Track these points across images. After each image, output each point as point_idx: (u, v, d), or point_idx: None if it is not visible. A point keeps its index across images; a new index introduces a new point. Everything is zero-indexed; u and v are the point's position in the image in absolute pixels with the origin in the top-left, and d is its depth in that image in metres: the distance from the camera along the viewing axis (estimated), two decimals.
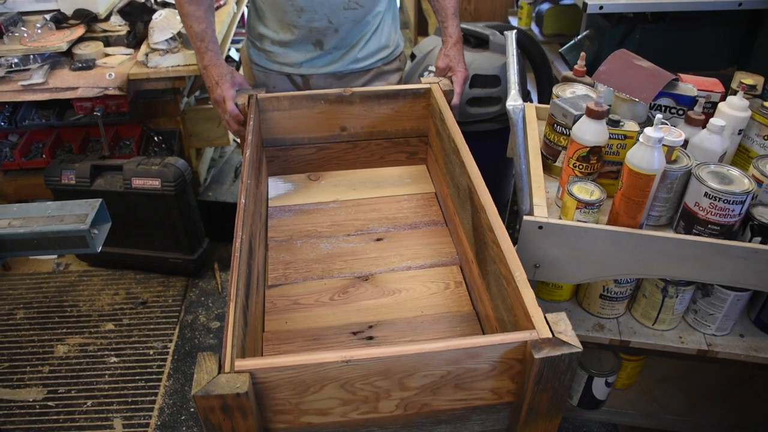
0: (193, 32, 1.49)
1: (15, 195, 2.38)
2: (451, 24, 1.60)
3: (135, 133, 2.30)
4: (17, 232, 1.31)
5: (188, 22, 1.49)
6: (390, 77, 1.72)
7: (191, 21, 1.48)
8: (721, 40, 2.24)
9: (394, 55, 1.70)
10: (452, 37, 1.59)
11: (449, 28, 1.60)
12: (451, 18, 1.60)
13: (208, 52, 1.50)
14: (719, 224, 1.12)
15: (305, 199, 1.56)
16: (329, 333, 1.18)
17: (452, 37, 1.59)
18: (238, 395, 0.78)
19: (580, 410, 1.54)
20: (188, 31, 1.51)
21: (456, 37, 1.59)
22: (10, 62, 2.04)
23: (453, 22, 1.60)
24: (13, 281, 2.33)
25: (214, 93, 1.49)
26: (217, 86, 1.48)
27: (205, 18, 1.49)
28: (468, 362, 0.86)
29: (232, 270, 0.97)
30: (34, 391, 1.90)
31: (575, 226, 1.14)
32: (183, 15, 1.49)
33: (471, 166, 1.22)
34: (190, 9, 1.48)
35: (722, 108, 1.23)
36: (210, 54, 1.50)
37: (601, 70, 1.31)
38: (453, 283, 1.29)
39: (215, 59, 1.50)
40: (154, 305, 2.21)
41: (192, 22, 1.48)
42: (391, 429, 0.93)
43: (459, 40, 1.60)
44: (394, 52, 1.70)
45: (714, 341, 1.27)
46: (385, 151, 1.64)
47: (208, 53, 1.50)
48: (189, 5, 1.48)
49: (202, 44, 1.49)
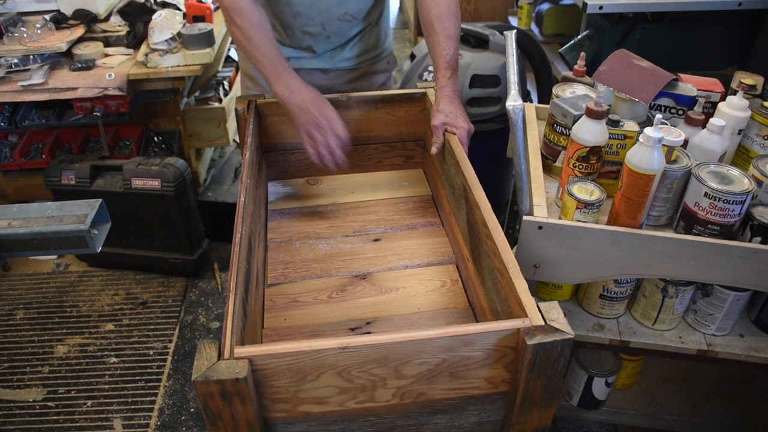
0: (267, 59, 1.34)
1: (15, 195, 2.38)
2: (443, 75, 1.37)
3: (135, 133, 2.30)
4: (17, 233, 1.31)
5: (259, 51, 1.34)
6: (375, 78, 1.69)
7: (263, 49, 1.34)
8: (720, 40, 2.24)
9: (381, 56, 1.68)
10: (446, 90, 1.37)
11: (440, 80, 1.37)
12: (443, 69, 1.37)
13: (290, 74, 1.35)
14: (719, 224, 1.12)
15: (304, 202, 1.57)
16: (327, 329, 1.20)
17: (445, 89, 1.37)
18: (237, 380, 0.79)
19: (580, 410, 1.54)
20: (260, 61, 1.35)
21: (450, 90, 1.37)
22: (10, 62, 2.04)
23: (445, 74, 1.37)
24: (13, 281, 2.33)
25: (316, 117, 1.33)
26: (316, 109, 1.33)
27: (273, 40, 1.36)
28: (462, 350, 0.87)
29: (232, 264, 0.99)
30: (34, 392, 1.90)
31: (575, 226, 1.14)
32: (253, 46, 1.33)
33: (465, 165, 1.23)
34: (258, 37, 1.33)
35: (722, 108, 1.23)
36: (292, 76, 1.35)
37: (601, 70, 1.31)
38: (449, 280, 1.31)
39: (300, 82, 1.36)
40: (153, 305, 2.21)
41: (264, 50, 1.34)
42: (388, 419, 0.94)
43: (455, 95, 1.37)
44: (381, 53, 1.68)
45: (714, 341, 1.27)
46: (383, 155, 1.65)
47: (290, 75, 1.35)
48: (256, 33, 1.33)
49: (281, 67, 1.34)
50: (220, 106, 2.37)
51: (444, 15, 1.38)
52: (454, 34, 1.38)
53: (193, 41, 2.06)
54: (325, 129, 1.33)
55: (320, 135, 1.34)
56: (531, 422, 0.95)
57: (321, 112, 1.33)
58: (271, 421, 0.91)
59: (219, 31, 2.22)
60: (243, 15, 1.32)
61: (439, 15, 1.38)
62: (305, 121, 1.34)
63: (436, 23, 1.38)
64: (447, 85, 1.37)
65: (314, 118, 1.33)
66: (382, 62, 1.70)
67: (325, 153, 1.35)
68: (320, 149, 1.35)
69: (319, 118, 1.33)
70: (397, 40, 4.34)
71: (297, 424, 0.92)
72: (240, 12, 1.32)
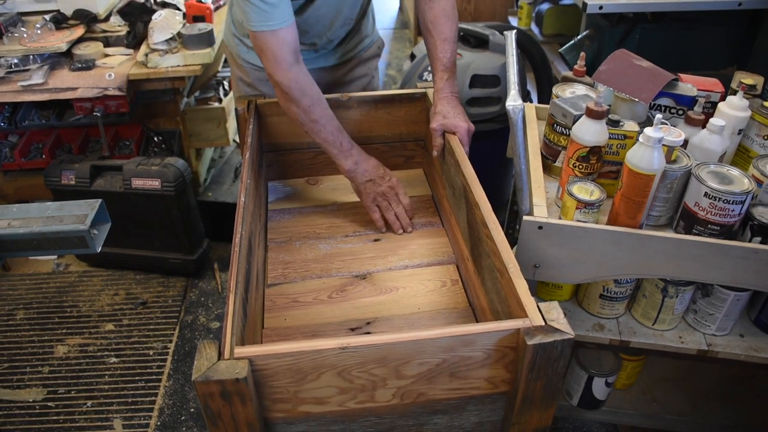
0: (330, 133, 1.34)
1: (15, 195, 2.38)
2: (440, 78, 1.39)
3: (135, 133, 2.30)
4: (17, 233, 1.31)
5: (319, 126, 1.34)
6: (370, 63, 1.72)
7: (324, 122, 1.34)
8: (720, 39, 2.24)
9: (371, 42, 1.70)
10: (444, 92, 1.39)
11: (438, 82, 1.40)
12: (440, 71, 1.39)
13: (354, 147, 1.38)
14: (719, 224, 1.12)
15: (304, 202, 1.57)
16: (327, 329, 1.20)
17: (444, 91, 1.39)
18: (237, 380, 0.79)
19: (580, 410, 1.54)
20: (321, 136, 1.35)
21: (449, 92, 1.39)
22: (10, 63, 2.04)
23: (442, 76, 1.39)
24: (12, 282, 2.33)
25: (382, 185, 1.37)
26: (383, 179, 1.38)
27: (333, 115, 1.36)
28: (463, 350, 0.87)
29: (232, 264, 0.99)
30: (33, 392, 1.90)
31: (575, 226, 1.14)
32: (311, 122, 1.33)
33: (465, 166, 1.23)
34: (319, 111, 1.33)
35: (722, 108, 1.23)
36: (356, 148, 1.38)
37: (601, 70, 1.31)
38: (449, 281, 1.31)
39: (363, 153, 1.39)
40: (153, 305, 2.21)
41: (326, 122, 1.34)
42: (388, 419, 0.94)
43: (453, 96, 1.39)
44: (371, 39, 1.69)
45: (714, 341, 1.26)
46: (383, 155, 1.65)
47: (354, 148, 1.38)
48: (313, 108, 1.32)
49: (345, 141, 1.36)
50: (220, 106, 2.37)
51: (439, 18, 1.39)
52: (451, 36, 1.40)
53: (193, 41, 2.06)
54: (390, 197, 1.39)
55: (386, 203, 1.40)
56: (531, 422, 0.95)
57: (385, 181, 1.39)
58: (271, 421, 0.91)
59: (219, 31, 2.21)
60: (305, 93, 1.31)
61: (434, 19, 1.40)
62: (371, 190, 1.39)
63: (431, 27, 1.41)
64: (445, 87, 1.39)
65: (379, 187, 1.39)
66: (373, 48, 1.71)
67: (393, 219, 1.41)
68: (388, 216, 1.41)
69: (384, 187, 1.39)
70: (397, 40, 4.34)
71: (297, 425, 0.92)
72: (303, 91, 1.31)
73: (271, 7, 1.23)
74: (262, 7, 1.23)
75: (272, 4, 1.23)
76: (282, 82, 1.30)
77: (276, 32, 1.26)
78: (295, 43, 1.30)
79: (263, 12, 1.23)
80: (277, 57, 1.28)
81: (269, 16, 1.24)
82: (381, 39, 1.74)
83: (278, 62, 1.28)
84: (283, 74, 1.29)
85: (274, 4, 1.23)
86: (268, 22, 1.24)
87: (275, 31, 1.25)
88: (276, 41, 1.27)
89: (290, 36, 1.28)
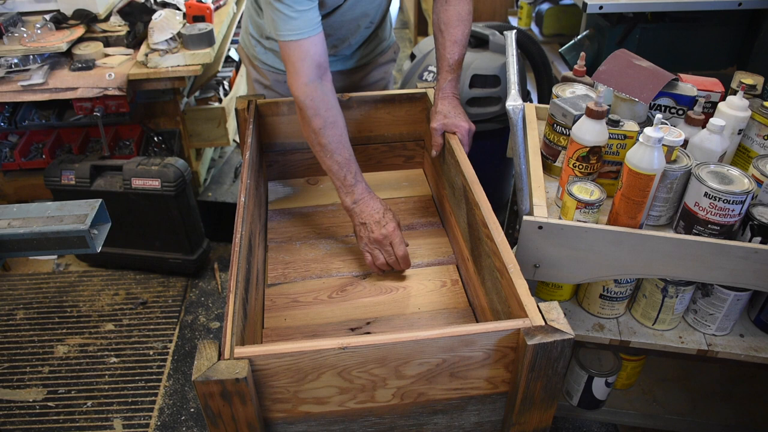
0: (336, 163, 1.27)
1: (15, 195, 2.38)
2: (444, 78, 1.38)
3: (135, 133, 2.30)
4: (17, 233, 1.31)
5: (325, 152, 1.27)
6: (386, 67, 1.71)
7: (332, 148, 1.26)
8: (721, 39, 2.24)
9: (388, 46, 1.69)
10: (445, 92, 1.38)
11: (441, 81, 1.39)
12: (445, 71, 1.38)
13: (358, 184, 1.29)
14: (719, 224, 1.12)
15: (304, 202, 1.57)
16: (327, 329, 1.20)
17: (445, 91, 1.38)
18: (237, 380, 0.80)
19: (580, 410, 1.54)
20: (326, 164, 1.29)
21: (450, 92, 1.38)
22: (10, 62, 2.04)
23: (446, 76, 1.38)
24: (12, 282, 2.33)
25: (375, 232, 1.28)
26: (379, 225, 1.28)
27: (347, 142, 1.29)
28: (463, 350, 0.88)
29: (232, 264, 0.99)
30: (34, 392, 1.90)
31: (575, 226, 1.14)
32: (318, 146, 1.27)
33: (465, 166, 1.24)
34: (330, 135, 1.26)
35: (722, 108, 1.23)
36: (360, 186, 1.30)
37: (601, 70, 1.31)
38: (449, 281, 1.31)
39: (367, 192, 1.31)
40: (153, 305, 2.21)
41: (334, 149, 1.26)
42: (388, 419, 0.94)
43: (454, 97, 1.38)
44: (388, 43, 1.69)
45: (714, 341, 1.26)
46: (383, 155, 1.65)
47: (358, 185, 1.29)
48: (324, 131, 1.25)
49: (349, 175, 1.28)
50: (220, 106, 2.37)
51: (452, 21, 1.39)
52: (461, 39, 1.39)
53: (193, 41, 2.06)
54: (383, 245, 1.29)
55: (378, 251, 1.30)
56: (531, 422, 0.95)
57: (380, 227, 1.28)
58: (271, 421, 0.91)
59: (219, 31, 2.21)
60: (318, 114, 1.25)
61: (448, 21, 1.39)
62: (364, 235, 1.30)
63: (444, 28, 1.40)
64: (447, 87, 1.39)
65: (372, 233, 1.29)
66: (389, 52, 1.71)
67: (384, 269, 1.32)
68: (380, 267, 1.31)
69: (377, 235, 1.28)
70: (398, 40, 4.33)
71: (297, 424, 0.92)
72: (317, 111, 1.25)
73: (299, 14, 1.19)
74: (289, 13, 1.19)
75: (300, 11, 1.19)
76: (298, 97, 1.25)
77: (300, 43, 1.21)
78: (320, 57, 1.25)
79: (290, 19, 1.20)
80: (298, 69, 1.23)
81: (296, 24, 1.20)
82: (397, 44, 1.75)
83: (298, 75, 1.24)
84: (300, 89, 1.24)
85: (302, 11, 1.19)
86: (294, 31, 1.21)
87: (300, 41, 1.21)
88: (299, 52, 1.22)
89: (315, 48, 1.23)
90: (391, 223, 1.29)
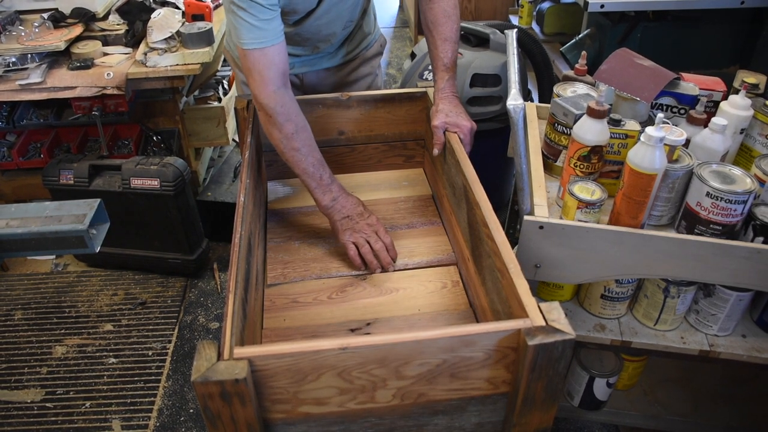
0: (311, 164, 1.30)
1: (13, 195, 2.37)
2: (441, 78, 1.39)
3: (133, 132, 2.30)
4: (15, 233, 1.30)
5: (300, 155, 1.29)
6: (373, 61, 1.70)
7: (306, 151, 1.29)
8: (723, 38, 2.24)
9: (374, 40, 1.68)
10: (445, 92, 1.39)
11: (439, 81, 1.40)
12: (441, 71, 1.39)
13: (334, 183, 1.34)
14: (721, 224, 1.11)
15: (304, 202, 1.56)
16: (327, 330, 1.20)
17: (444, 91, 1.39)
18: (237, 381, 0.79)
19: (582, 411, 1.54)
20: (301, 167, 1.30)
21: (449, 92, 1.39)
22: (8, 61, 2.03)
23: (443, 76, 1.38)
24: (11, 282, 2.32)
25: (360, 222, 1.32)
26: (363, 216, 1.33)
27: (314, 145, 1.32)
28: (463, 350, 0.87)
29: (232, 264, 0.99)
30: (32, 392, 1.90)
31: (576, 226, 1.13)
32: (292, 150, 1.29)
33: (466, 165, 1.23)
34: (302, 139, 1.29)
35: (724, 107, 1.22)
36: (336, 184, 1.34)
37: (603, 69, 1.30)
38: (450, 282, 1.30)
39: (343, 189, 1.35)
40: (152, 306, 2.20)
41: (308, 151, 1.30)
42: (389, 420, 0.94)
43: (454, 96, 1.39)
44: (374, 37, 1.68)
45: (716, 342, 1.26)
46: (383, 154, 1.64)
47: (334, 184, 1.34)
48: (297, 135, 1.28)
49: (325, 174, 1.32)
50: (219, 106, 2.36)
51: (440, 18, 1.39)
52: (451, 36, 1.39)
53: (192, 40, 2.05)
54: (368, 234, 1.31)
55: (363, 240, 1.31)
56: (532, 423, 0.95)
57: (363, 218, 1.32)
58: (271, 422, 0.90)
59: (218, 30, 2.21)
60: (290, 119, 1.27)
61: (434, 19, 1.39)
62: (348, 227, 1.32)
63: (432, 27, 1.40)
64: (446, 87, 1.39)
65: (357, 224, 1.32)
66: (375, 46, 1.70)
67: (370, 258, 1.32)
68: (364, 252, 1.31)
69: (362, 225, 1.31)
70: (397, 39, 4.33)
71: (297, 425, 0.92)
72: (288, 117, 1.27)
73: (263, 23, 1.20)
74: (254, 22, 1.20)
75: (264, 21, 1.20)
76: (267, 105, 1.26)
77: (265, 51, 1.22)
78: (284, 64, 1.27)
79: (254, 28, 1.20)
80: (265, 78, 1.24)
81: (261, 33, 1.21)
82: (383, 37, 1.74)
83: (265, 83, 1.25)
84: (269, 96, 1.25)
85: (266, 20, 1.20)
86: (259, 40, 1.22)
87: (264, 49, 1.22)
88: (265, 60, 1.23)
89: (279, 56, 1.25)
90: (373, 215, 1.35)
